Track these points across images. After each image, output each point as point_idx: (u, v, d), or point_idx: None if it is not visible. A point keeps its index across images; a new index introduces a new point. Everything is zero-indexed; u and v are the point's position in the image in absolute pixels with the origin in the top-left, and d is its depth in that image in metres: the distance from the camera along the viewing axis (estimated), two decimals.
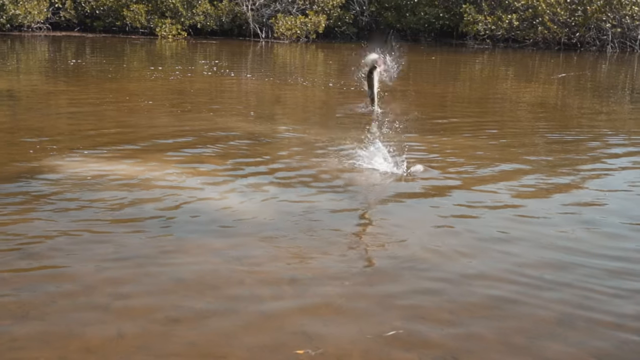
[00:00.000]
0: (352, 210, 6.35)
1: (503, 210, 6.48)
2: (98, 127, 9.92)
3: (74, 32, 30.39)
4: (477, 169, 7.98)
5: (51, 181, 6.94)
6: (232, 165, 7.80)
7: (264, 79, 17.30)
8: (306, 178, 7.33)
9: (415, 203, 6.59)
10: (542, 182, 7.52)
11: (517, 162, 8.42)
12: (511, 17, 28.37)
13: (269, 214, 6.13)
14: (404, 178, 7.40)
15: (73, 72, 17.32)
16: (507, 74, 20.81)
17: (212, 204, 6.37)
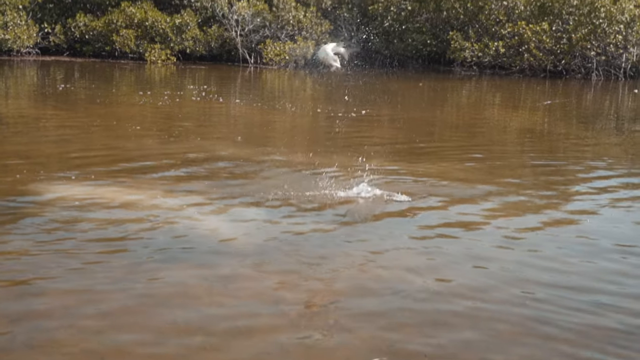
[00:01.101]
0: (335, 234, 6.38)
1: (484, 231, 6.54)
2: (85, 152, 9.94)
3: (63, 57, 30.45)
4: (462, 192, 8.05)
5: (38, 205, 6.95)
6: (219, 190, 7.83)
7: (252, 104, 17.40)
8: (292, 202, 7.37)
9: (397, 226, 6.64)
10: (526, 205, 7.59)
11: (503, 185, 8.50)
12: (498, 44, 28.69)
13: (255, 240, 6.16)
14: (387, 202, 7.45)
15: (61, 97, 17.35)
16: (494, 101, 21.01)
17: (201, 230, 6.39)
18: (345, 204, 7.42)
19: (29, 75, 23.88)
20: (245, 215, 6.93)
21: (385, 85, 24.30)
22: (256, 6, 30.13)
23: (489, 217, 7.17)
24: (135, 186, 7.94)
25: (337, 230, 6.53)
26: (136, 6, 30.44)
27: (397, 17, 31.32)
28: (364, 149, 11.35)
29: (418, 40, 31.10)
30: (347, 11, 31.84)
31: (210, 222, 6.63)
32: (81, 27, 30.19)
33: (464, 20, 30.74)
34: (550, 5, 28.66)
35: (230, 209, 7.13)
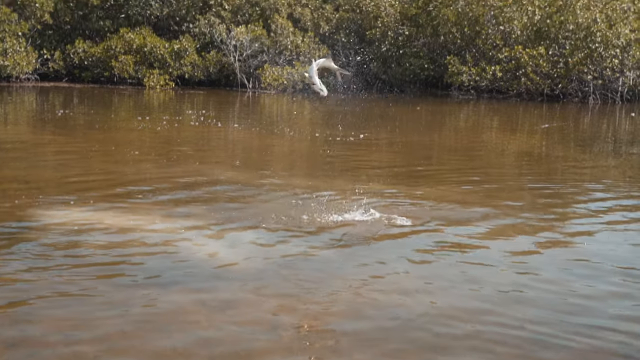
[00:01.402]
0: (333, 257, 6.38)
1: (482, 254, 6.54)
2: (84, 177, 9.97)
3: (62, 83, 30.60)
4: (459, 215, 8.06)
5: (36, 230, 6.96)
6: (218, 214, 7.84)
7: (251, 128, 17.46)
8: (290, 226, 7.38)
9: (395, 249, 6.64)
10: (523, 228, 7.61)
11: (500, 208, 8.51)
12: (495, 68, 28.86)
13: (253, 264, 6.17)
14: (385, 225, 7.47)
15: (60, 122, 17.41)
16: (491, 124, 21.10)
17: (198, 254, 6.39)
18: (343, 228, 7.43)
19: (27, 101, 23.97)
20: (244, 239, 6.94)
21: (383, 109, 24.41)
22: (254, 31, 30.35)
23: (486, 239, 7.18)
24: (134, 211, 7.95)
25: (335, 254, 6.54)
26: (135, 32, 30.67)
27: (395, 41, 31.56)
28: (362, 172, 11.39)
29: (416, 65, 31.28)
30: (345, 36, 32.07)
31: (208, 246, 6.63)
32: (80, 53, 30.38)
33: (461, 44, 30.97)
34: (547, 30, 28.90)
35: (228, 233, 7.14)
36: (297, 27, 31.40)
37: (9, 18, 28.51)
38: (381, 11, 31.58)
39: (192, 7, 32.06)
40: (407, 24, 31.72)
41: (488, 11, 29.97)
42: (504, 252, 6.73)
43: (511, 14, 29.44)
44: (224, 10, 31.49)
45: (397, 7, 31.80)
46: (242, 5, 31.92)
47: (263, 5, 31.82)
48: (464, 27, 30.20)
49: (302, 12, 32.17)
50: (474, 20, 30.19)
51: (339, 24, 32.33)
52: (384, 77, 32.30)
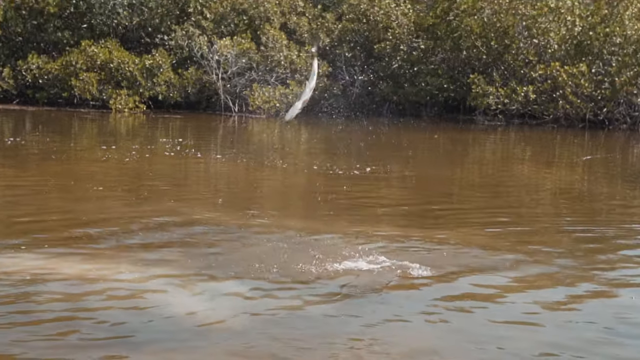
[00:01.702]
0: (332, 312, 6.45)
1: (508, 308, 6.61)
2: (38, 217, 10.05)
3: (12, 105, 30.84)
4: (483, 262, 8.13)
5: None
6: (195, 261, 7.91)
7: (236, 160, 17.60)
8: (282, 278, 7.44)
9: (405, 302, 6.71)
10: (558, 277, 7.68)
11: (533, 259, 8.59)
12: (527, 89, 29.09)
13: (238, 320, 6.23)
14: (394, 274, 7.54)
15: (9, 152, 17.55)
16: (523, 156, 21.25)
17: (173, 309, 6.46)
18: (345, 278, 7.49)
19: None
20: (227, 291, 7.00)
21: (394, 136, 24.60)
22: (241, 45, 30.67)
23: (516, 292, 7.25)
24: (97, 257, 8.02)
25: (334, 309, 6.60)
26: (99, 45, 30.99)
27: (408, 57, 31.87)
28: (368, 212, 11.49)
29: (433, 85, 31.52)
30: (349, 50, 32.42)
31: (185, 300, 6.70)
32: (34, 69, 30.67)
33: (487, 61, 31.27)
34: (589, 44, 29.16)
35: (208, 283, 7.21)
36: (292, 40, 31.75)
37: None
38: (392, 21, 31.94)
39: (167, 16, 32.46)
40: (423, 36, 32.06)
41: (519, 21, 30.34)
42: (536, 308, 6.80)
43: (547, 24, 29.77)
44: (205, 19, 31.86)
45: (411, 16, 32.18)
46: (226, 14, 32.31)
47: (251, 14, 32.22)
48: (491, 40, 30.52)
49: (298, 21, 32.55)
50: (502, 31, 30.53)
51: (342, 36, 32.69)
52: (395, 99, 32.55)
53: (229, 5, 32.32)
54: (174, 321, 6.17)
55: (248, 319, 6.27)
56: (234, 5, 32.35)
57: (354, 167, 15.83)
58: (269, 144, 22.81)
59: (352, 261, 7.96)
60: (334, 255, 8.18)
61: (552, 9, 29.80)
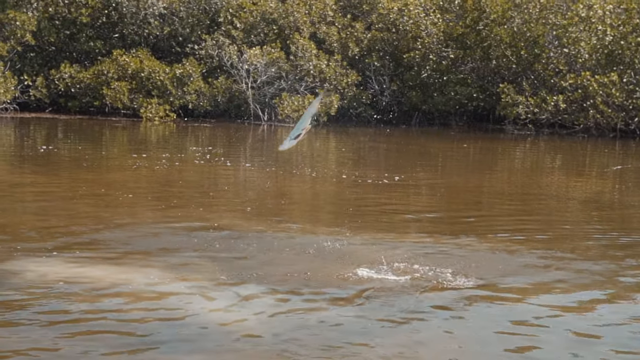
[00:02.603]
0: (360, 321, 6.45)
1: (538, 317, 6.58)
2: (70, 225, 10.16)
3: (45, 114, 31.20)
4: (513, 271, 8.10)
5: (14, 287, 7.12)
6: (225, 271, 7.95)
7: (265, 168, 17.66)
8: (310, 284, 7.46)
9: (432, 309, 6.70)
10: (593, 295, 7.63)
11: (564, 270, 8.54)
12: (557, 98, 28.93)
13: (265, 326, 6.25)
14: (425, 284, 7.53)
15: (42, 160, 17.75)
16: (553, 165, 21.13)
17: (203, 316, 6.50)
18: (373, 283, 7.49)
19: (5, 135, 24.47)
20: (253, 296, 7.03)
21: (423, 145, 24.56)
22: (270, 54, 30.82)
23: (546, 300, 7.21)
24: (126, 262, 8.10)
25: (362, 315, 6.60)
26: (130, 55, 31.28)
27: (438, 66, 31.84)
28: (397, 220, 11.48)
29: (462, 94, 31.47)
30: (378, 60, 32.43)
31: (210, 305, 6.74)
32: (66, 79, 31.00)
33: (517, 70, 31.17)
34: (620, 53, 28.96)
35: (235, 289, 7.25)
36: (321, 49, 31.84)
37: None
38: (421, 30, 31.94)
39: (197, 26, 32.71)
40: (453, 46, 32.02)
41: (549, 31, 30.21)
42: (567, 316, 6.76)
43: (577, 34, 29.60)
44: (235, 29, 32.05)
45: (441, 25, 32.15)
46: (256, 24, 32.48)
47: (281, 24, 32.36)
48: (521, 49, 30.42)
49: (328, 31, 32.64)
50: (532, 41, 30.42)
51: (371, 46, 32.73)
52: (425, 108, 32.52)
53: (258, 15, 32.49)
54: (201, 326, 6.21)
55: (275, 325, 6.29)
56: (264, 15, 32.51)
57: (383, 175, 15.82)
58: (298, 152, 22.86)
59: (381, 268, 7.96)
60: (362, 261, 8.19)
61: (582, 19, 29.62)
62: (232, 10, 32.57)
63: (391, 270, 7.93)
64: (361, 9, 34.62)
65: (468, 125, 32.93)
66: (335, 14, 33.64)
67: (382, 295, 7.28)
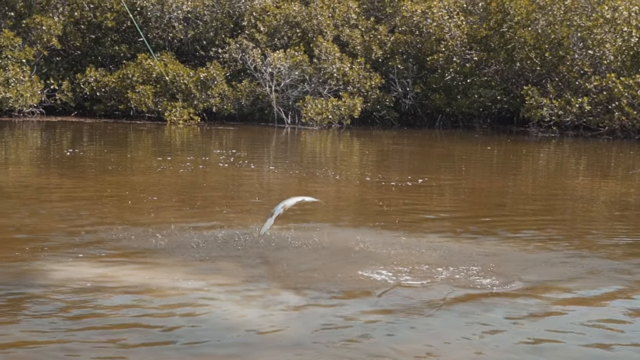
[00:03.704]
0: (386, 323, 6.48)
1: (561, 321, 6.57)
2: (95, 226, 10.26)
3: (70, 117, 31.48)
4: (538, 274, 8.09)
5: (43, 288, 7.22)
6: (251, 272, 8.01)
7: (289, 171, 17.73)
8: (335, 287, 7.50)
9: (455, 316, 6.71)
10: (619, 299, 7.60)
11: (587, 270, 8.51)
12: (582, 100, 28.80)
13: (292, 327, 6.30)
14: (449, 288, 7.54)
15: (68, 163, 17.93)
16: (577, 168, 21.03)
17: (226, 316, 6.55)
18: (399, 286, 7.52)
19: (31, 138, 24.73)
20: (279, 299, 7.09)
21: (446, 148, 24.53)
22: (294, 57, 30.90)
23: (571, 304, 7.20)
24: (152, 265, 8.18)
25: (388, 318, 6.62)
26: (155, 58, 31.48)
27: (461, 69, 31.78)
28: (421, 223, 11.49)
29: (486, 96, 31.40)
30: (401, 62, 32.42)
31: (237, 308, 6.79)
32: (92, 82, 31.26)
33: (541, 72, 31.05)
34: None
35: (261, 292, 7.30)
36: (344, 52, 31.89)
37: (12, 43, 29.58)
38: (445, 33, 31.89)
39: (221, 29, 32.86)
40: (476, 48, 31.96)
41: (574, 32, 30.06)
42: (592, 320, 6.75)
43: (602, 35, 29.44)
44: (258, 32, 32.18)
45: (465, 28, 32.09)
46: (279, 27, 32.59)
47: (305, 27, 32.44)
48: (545, 51, 30.30)
49: (351, 34, 32.68)
50: (556, 43, 30.29)
51: (395, 48, 32.72)
52: (448, 111, 32.48)
53: (282, 18, 32.59)
54: (225, 325, 6.27)
55: (300, 324, 6.34)
56: (288, 18, 32.61)
57: (407, 177, 15.83)
58: (322, 155, 22.91)
59: (404, 268, 7.99)
60: (386, 262, 8.22)
61: (608, 20, 29.47)
62: (255, 13, 32.69)
63: (415, 271, 7.95)
64: (384, 12, 34.63)
65: (492, 127, 32.84)
66: (359, 17, 33.66)
67: (406, 295, 7.30)
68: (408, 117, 33.53)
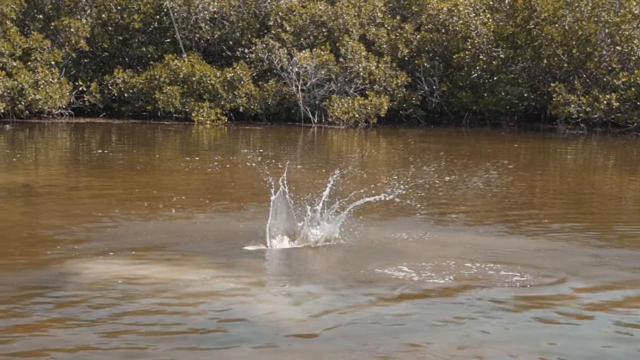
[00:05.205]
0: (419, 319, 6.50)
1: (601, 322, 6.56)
2: (125, 225, 10.37)
3: (98, 118, 31.73)
4: (567, 274, 8.07)
5: (75, 286, 7.32)
6: (279, 270, 8.07)
7: (316, 170, 17.76)
8: (363, 285, 7.53)
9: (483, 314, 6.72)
10: None
11: (616, 268, 8.48)
12: (610, 97, 28.60)
13: (320, 325, 6.34)
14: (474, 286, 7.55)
15: (97, 164, 18.11)
16: (606, 164, 20.89)
17: (255, 313, 6.61)
18: (429, 282, 7.54)
19: (61, 139, 24.99)
20: (309, 295, 7.13)
21: (473, 146, 24.46)
22: (320, 57, 30.94)
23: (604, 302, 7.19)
24: (181, 262, 8.27)
25: (421, 313, 6.65)
26: (182, 59, 31.66)
27: (488, 66, 31.66)
28: (448, 220, 11.49)
29: (513, 94, 31.27)
30: (428, 61, 32.35)
31: (267, 304, 6.85)
32: (119, 84, 31.50)
33: (569, 69, 30.85)
34: None
35: (290, 288, 7.36)
36: (370, 51, 31.88)
37: (41, 45, 29.90)
38: (471, 31, 31.78)
39: (247, 30, 32.98)
40: (503, 46, 31.81)
41: (602, 29, 29.84)
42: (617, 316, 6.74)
43: (630, 31, 29.21)
44: (284, 32, 32.25)
45: (491, 25, 31.96)
46: (305, 27, 32.64)
47: (330, 26, 32.47)
48: (572, 48, 30.11)
49: (377, 33, 32.66)
50: (584, 39, 30.09)
51: (421, 47, 32.66)
52: (475, 109, 32.36)
53: (308, 17, 32.64)
54: (255, 323, 6.33)
55: (328, 322, 6.37)
56: (313, 17, 32.65)
57: (434, 175, 15.81)
58: (349, 153, 22.94)
59: (435, 266, 8.00)
60: (413, 260, 8.24)
61: (636, 16, 29.23)
62: (281, 13, 32.77)
63: (442, 268, 7.96)
64: (410, 10, 34.56)
65: (519, 125, 32.70)
66: (385, 16, 33.64)
67: (433, 293, 7.32)
68: (434, 115, 33.45)
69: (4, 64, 29.03)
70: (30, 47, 29.80)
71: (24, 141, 23.73)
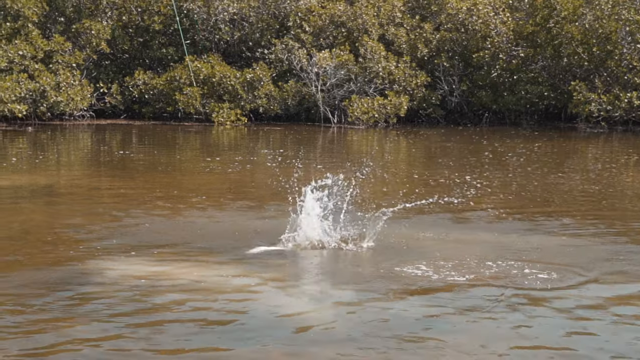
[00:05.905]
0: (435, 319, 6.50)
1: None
2: (146, 225, 10.44)
3: (119, 120, 31.93)
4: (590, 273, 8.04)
5: (98, 285, 7.38)
6: (300, 269, 8.09)
7: (336, 169, 17.76)
8: (384, 283, 7.54)
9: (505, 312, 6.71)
10: None
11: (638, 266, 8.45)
12: (631, 95, 28.45)
13: (340, 322, 6.35)
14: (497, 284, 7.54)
15: (119, 165, 18.22)
16: (627, 163, 20.76)
17: (276, 311, 6.63)
18: (452, 281, 7.54)
19: (82, 141, 25.15)
20: (333, 296, 7.15)
21: (493, 145, 24.38)
22: (340, 57, 30.97)
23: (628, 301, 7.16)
24: (203, 261, 8.31)
25: (444, 312, 6.65)
26: (202, 60, 31.78)
27: (508, 65, 31.57)
28: (468, 218, 11.47)
29: (533, 93, 31.16)
30: (447, 60, 32.30)
31: (289, 303, 6.87)
32: (140, 85, 31.66)
33: (589, 67, 30.71)
34: None
35: (312, 287, 7.38)
36: (390, 51, 31.87)
37: (62, 48, 30.11)
38: (491, 30, 31.70)
39: (267, 30, 33.05)
40: (523, 44, 31.73)
41: (622, 27, 29.69)
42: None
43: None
44: (304, 32, 32.29)
45: (511, 24, 31.87)
46: (325, 27, 32.67)
47: (350, 26, 32.49)
48: (593, 46, 29.97)
49: (397, 32, 32.63)
50: (604, 37, 29.94)
51: (440, 46, 32.61)
52: (495, 108, 32.28)
53: (327, 18, 32.68)
54: (275, 321, 6.36)
55: (348, 319, 6.40)
56: (333, 18, 32.68)
57: (454, 174, 15.78)
58: (369, 153, 22.93)
59: (453, 264, 7.99)
60: (435, 258, 8.24)
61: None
62: (301, 14, 32.82)
63: (463, 266, 7.96)
64: (429, 10, 34.51)
65: (539, 124, 32.57)
66: (404, 15, 33.61)
67: (455, 290, 7.31)
68: (454, 114, 33.39)
69: (25, 67, 29.25)
70: (52, 49, 30.01)
71: (46, 143, 23.93)
